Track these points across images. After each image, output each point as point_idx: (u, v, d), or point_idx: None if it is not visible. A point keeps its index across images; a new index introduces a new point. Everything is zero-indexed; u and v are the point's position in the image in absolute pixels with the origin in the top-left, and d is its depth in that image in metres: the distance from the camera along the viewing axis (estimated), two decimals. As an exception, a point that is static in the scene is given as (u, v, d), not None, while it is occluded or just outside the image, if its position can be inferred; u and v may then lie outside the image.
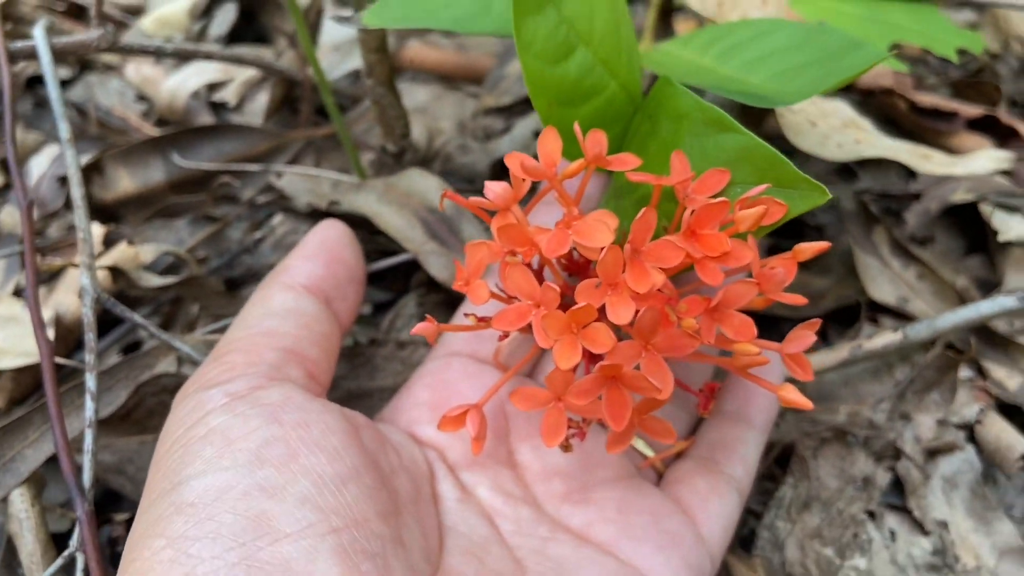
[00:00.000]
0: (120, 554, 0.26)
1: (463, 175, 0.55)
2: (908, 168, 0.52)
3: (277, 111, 0.59)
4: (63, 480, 0.34)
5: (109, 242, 0.48)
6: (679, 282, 0.32)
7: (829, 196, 0.28)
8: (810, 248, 0.30)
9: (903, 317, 0.47)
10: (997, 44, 0.68)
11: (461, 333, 0.36)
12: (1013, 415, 0.43)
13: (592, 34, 0.34)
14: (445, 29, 0.37)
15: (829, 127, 0.50)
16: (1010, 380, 0.44)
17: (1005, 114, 0.55)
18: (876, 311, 0.48)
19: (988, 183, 0.51)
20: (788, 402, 0.29)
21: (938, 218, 0.52)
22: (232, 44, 0.64)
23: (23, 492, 0.35)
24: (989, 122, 0.56)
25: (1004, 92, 0.64)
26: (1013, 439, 0.40)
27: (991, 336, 0.45)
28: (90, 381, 0.34)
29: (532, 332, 0.28)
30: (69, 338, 0.45)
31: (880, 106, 0.60)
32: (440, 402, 0.34)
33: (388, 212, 0.47)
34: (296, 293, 0.34)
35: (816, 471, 0.41)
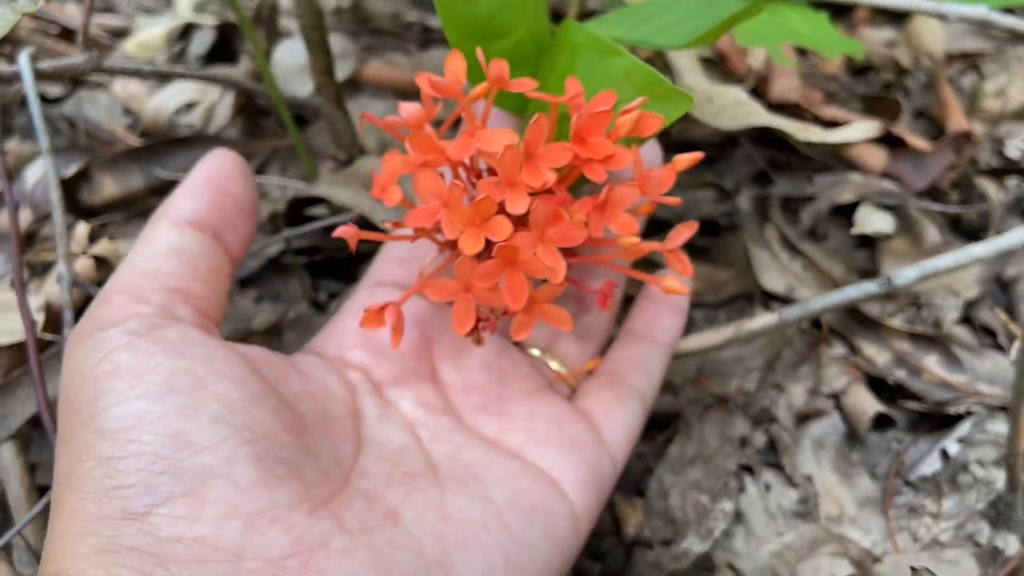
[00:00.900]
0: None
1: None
2: (813, 168, 0.58)
3: (239, 122, 0.65)
4: (46, 439, 0.40)
5: (94, 238, 0.55)
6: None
7: (693, 101, 0.32)
8: (686, 159, 0.33)
9: (792, 303, 0.53)
10: (909, 60, 0.75)
11: (387, 265, 0.40)
12: (881, 389, 0.50)
13: None
14: None
15: (723, 103, 0.57)
16: (879, 357, 0.50)
17: (895, 126, 0.61)
18: (769, 299, 0.54)
19: (874, 186, 0.57)
20: (668, 289, 0.34)
21: (831, 216, 0.58)
22: (210, 64, 0.71)
23: (11, 446, 0.42)
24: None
25: (913, 104, 0.71)
26: (867, 404, 0.46)
27: (864, 319, 0.51)
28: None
29: (441, 232, 0.30)
30: (58, 320, 0.51)
31: (792, 118, 0.67)
32: (362, 327, 0.34)
33: (338, 191, 0.53)
34: (181, 229, 0.34)
35: (701, 433, 0.47)
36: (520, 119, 0.42)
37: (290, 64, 0.68)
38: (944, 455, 0.46)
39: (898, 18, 0.80)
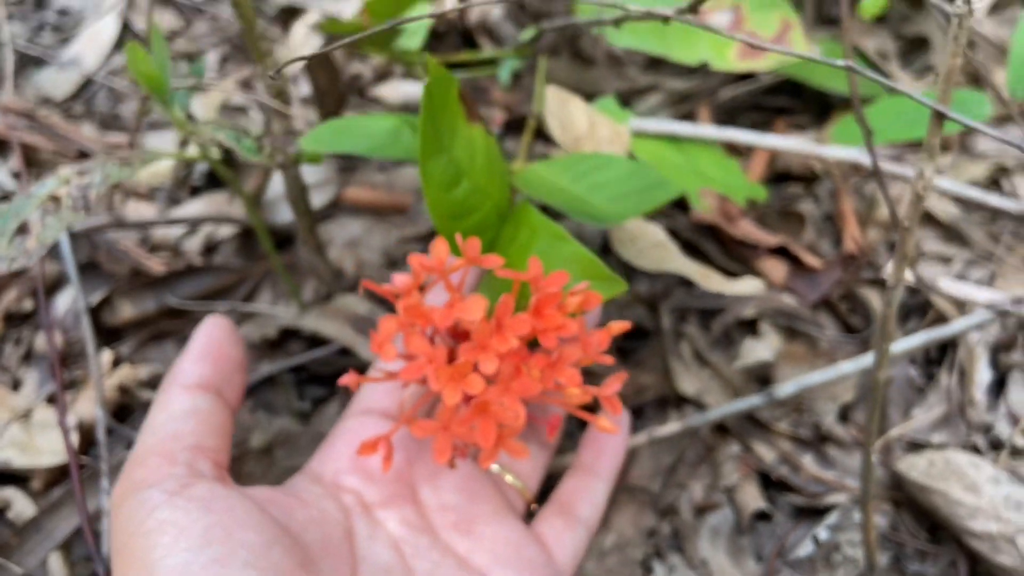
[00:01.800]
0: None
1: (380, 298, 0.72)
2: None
3: (238, 242, 0.76)
4: (85, 546, 0.50)
5: (117, 361, 0.65)
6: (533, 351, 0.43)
7: (626, 286, 0.41)
8: (619, 327, 0.43)
9: (700, 406, 0.64)
10: (820, 167, 0.85)
11: (373, 394, 0.48)
12: (769, 483, 0.60)
13: (473, 169, 0.45)
14: (364, 154, 0.48)
15: (645, 244, 0.66)
16: (767, 455, 0.60)
17: (793, 244, 0.72)
18: (683, 401, 0.65)
19: (774, 302, 0.68)
20: (603, 428, 0.42)
21: (739, 327, 0.69)
22: (209, 190, 0.82)
23: (58, 555, 0.52)
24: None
25: (822, 210, 0.82)
26: (751, 499, 0.57)
27: (757, 421, 0.62)
28: (104, 473, 0.51)
29: (427, 383, 0.38)
30: (88, 436, 0.61)
31: (714, 234, 0.77)
32: (359, 455, 0.41)
33: (325, 324, 0.65)
34: (192, 393, 0.41)
35: (620, 526, 0.57)
36: (482, 271, 0.51)
37: (281, 192, 0.79)
38: (815, 540, 0.56)
39: (820, 122, 0.90)
